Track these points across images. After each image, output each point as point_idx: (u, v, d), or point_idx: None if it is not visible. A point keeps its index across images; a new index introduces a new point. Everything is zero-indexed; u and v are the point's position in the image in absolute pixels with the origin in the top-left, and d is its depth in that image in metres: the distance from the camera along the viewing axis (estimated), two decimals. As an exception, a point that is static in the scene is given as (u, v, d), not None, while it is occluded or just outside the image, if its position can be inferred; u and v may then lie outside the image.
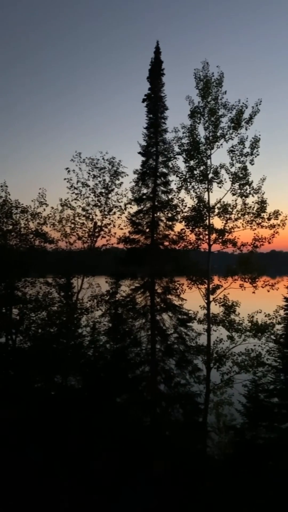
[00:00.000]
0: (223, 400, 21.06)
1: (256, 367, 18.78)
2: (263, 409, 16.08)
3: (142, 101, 21.45)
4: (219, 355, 20.15)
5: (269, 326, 19.39)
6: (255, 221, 20.24)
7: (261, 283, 20.49)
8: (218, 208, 20.66)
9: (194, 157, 20.35)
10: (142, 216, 21.30)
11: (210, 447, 20.05)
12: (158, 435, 18.69)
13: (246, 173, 20.21)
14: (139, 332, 20.72)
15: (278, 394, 16.10)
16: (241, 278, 20.80)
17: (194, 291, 21.17)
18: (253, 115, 19.75)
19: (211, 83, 19.93)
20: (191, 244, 21.26)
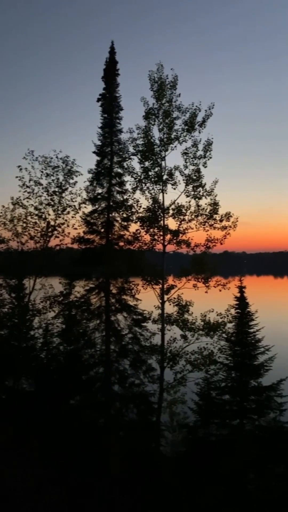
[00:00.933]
0: (176, 399, 21.36)
1: (208, 365, 19.18)
2: (215, 407, 16.45)
3: (97, 100, 21.37)
4: (173, 354, 20.41)
5: (221, 325, 19.85)
6: (208, 222, 20.67)
7: (213, 283, 20.95)
8: (172, 209, 20.93)
9: (149, 158, 20.48)
10: (97, 216, 21.20)
11: (164, 445, 20.27)
12: (113, 436, 18.64)
13: (199, 176, 20.59)
14: (93, 333, 20.60)
15: (229, 392, 16.52)
16: (194, 278, 21.16)
17: (149, 291, 21.31)
18: (206, 119, 20.16)
19: (166, 85, 20.16)
20: (146, 245, 21.39)
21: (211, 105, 20.07)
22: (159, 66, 20.17)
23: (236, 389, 16.37)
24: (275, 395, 16.18)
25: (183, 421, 20.45)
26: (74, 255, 21.86)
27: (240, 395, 16.28)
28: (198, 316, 20.76)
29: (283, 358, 18.71)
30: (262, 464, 14.57)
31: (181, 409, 21.42)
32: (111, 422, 19.33)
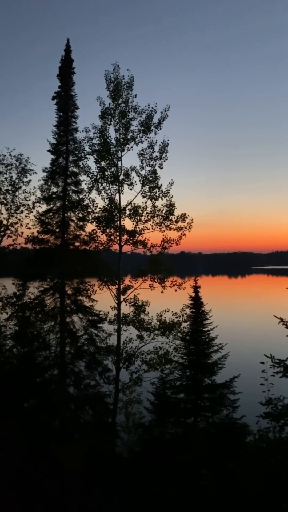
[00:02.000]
0: (132, 399, 21.41)
1: (163, 365, 19.36)
2: (170, 405, 16.61)
3: (52, 98, 21.05)
4: (129, 354, 20.45)
5: (176, 324, 20.12)
6: (164, 223, 20.87)
7: (169, 283, 21.20)
8: (129, 209, 20.96)
9: (105, 158, 20.40)
10: (51, 215, 20.86)
11: (119, 446, 20.25)
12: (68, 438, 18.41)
13: (155, 177, 20.76)
14: (48, 335, 20.25)
15: (184, 390, 16.74)
16: (151, 279, 21.31)
17: (105, 292, 21.22)
18: (161, 120, 20.38)
19: (122, 85, 20.18)
20: (103, 245, 21.27)
21: (167, 107, 20.33)
22: (115, 66, 20.19)
23: (191, 387, 16.61)
24: (228, 393, 16.56)
25: (138, 421, 20.53)
26: (28, 255, 21.37)
27: (194, 393, 16.53)
28: (154, 316, 20.92)
29: (236, 355, 19.22)
30: (215, 460, 14.88)
31: (137, 409, 21.50)
32: (66, 424, 19.09)
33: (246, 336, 47.23)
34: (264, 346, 13.87)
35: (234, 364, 18.26)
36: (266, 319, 10.30)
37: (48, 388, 19.79)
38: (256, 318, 70.16)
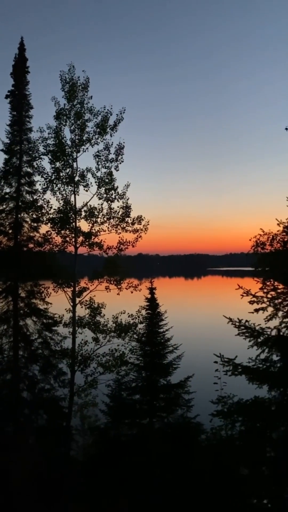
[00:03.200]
0: (87, 402, 21.17)
1: (119, 367, 19.34)
2: (126, 407, 16.64)
3: (5, 97, 20.59)
4: (84, 357, 20.24)
5: (132, 326, 20.16)
6: (120, 225, 20.88)
7: (125, 285, 21.23)
8: (84, 211, 20.80)
9: (60, 158, 20.14)
10: (4, 216, 20.38)
11: (74, 449, 20.02)
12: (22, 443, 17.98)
13: (111, 179, 20.73)
14: (0, 339, 19.71)
15: (139, 391, 16.82)
16: (107, 281, 21.24)
17: (60, 294, 20.93)
18: (117, 122, 20.39)
19: (77, 86, 20.03)
20: (57, 247, 20.98)
21: (122, 110, 20.38)
22: (70, 67, 19.99)
23: (146, 388, 16.72)
24: (183, 392, 16.82)
25: (94, 423, 20.38)
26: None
27: (150, 394, 16.66)
28: (110, 318, 20.87)
29: (190, 355, 19.55)
30: (170, 459, 15.06)
31: (92, 412, 21.31)
32: (20, 429, 18.66)
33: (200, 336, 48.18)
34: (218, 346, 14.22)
35: (188, 364, 18.55)
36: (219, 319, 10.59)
37: (1, 393, 19.27)
38: (210, 318, 71.64)
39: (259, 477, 8.97)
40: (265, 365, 8.76)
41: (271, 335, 9.06)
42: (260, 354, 8.93)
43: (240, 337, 9.26)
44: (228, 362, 8.82)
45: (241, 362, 8.84)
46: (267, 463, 8.69)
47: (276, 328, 9.09)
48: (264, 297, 9.38)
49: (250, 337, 9.02)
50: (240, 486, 9.50)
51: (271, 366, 8.76)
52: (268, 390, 8.84)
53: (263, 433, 8.16)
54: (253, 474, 9.16)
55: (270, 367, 8.74)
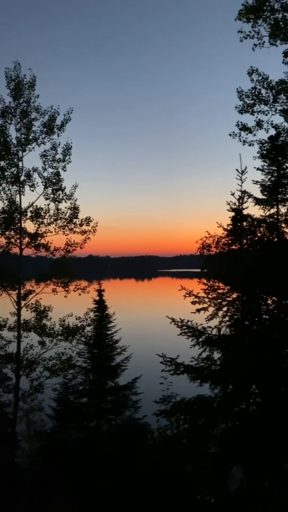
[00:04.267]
0: (33, 407, 20.76)
1: (66, 370, 19.06)
2: (73, 411, 16.45)
3: None
4: (30, 361, 19.76)
5: (80, 329, 19.97)
6: (67, 226, 20.66)
7: (73, 287, 21.00)
8: (30, 211, 20.41)
9: (4, 157, 19.60)
10: None
11: (20, 456, 19.50)
12: None
13: (59, 179, 20.48)
14: None
15: (87, 394, 16.70)
16: (54, 283, 20.90)
17: (4, 297, 20.32)
18: (65, 123, 20.19)
19: (23, 84, 19.61)
20: (1, 248, 20.37)
21: (70, 110, 20.22)
22: (16, 64, 19.55)
23: (94, 391, 16.63)
24: (131, 394, 16.89)
25: (40, 428, 19.93)
26: None
27: (97, 397, 16.58)
28: (57, 321, 20.56)
29: (138, 356, 19.66)
30: (118, 461, 15.06)
31: (39, 417, 20.90)
32: None
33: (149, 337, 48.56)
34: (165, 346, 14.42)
35: (136, 365, 18.65)
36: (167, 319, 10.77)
37: None
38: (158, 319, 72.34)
39: (203, 473, 9.18)
40: (207, 364, 9.02)
41: (211, 334, 9.34)
42: (202, 353, 9.19)
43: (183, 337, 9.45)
44: (171, 362, 8.98)
45: (183, 362, 9.04)
46: (210, 459, 8.92)
47: (216, 327, 9.40)
48: (206, 298, 9.66)
49: (192, 337, 9.26)
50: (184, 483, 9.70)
51: (212, 364, 9.03)
52: (210, 388, 9.10)
53: (205, 430, 8.37)
54: (196, 471, 9.36)
55: (211, 365, 9.01)
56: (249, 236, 11.51)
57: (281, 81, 22.15)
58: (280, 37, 19.67)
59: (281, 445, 8.03)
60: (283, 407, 8.77)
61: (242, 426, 8.38)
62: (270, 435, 7.94)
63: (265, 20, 19.11)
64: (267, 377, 8.84)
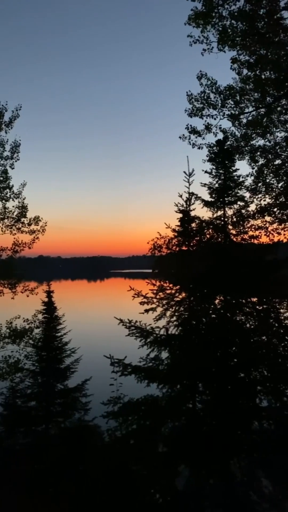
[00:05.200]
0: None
1: (14, 374, 18.51)
2: (21, 415, 16.05)
3: None
4: (-26, 366, 19.07)
5: (27, 331, 19.49)
6: (15, 225, 20.11)
7: (20, 288, 20.46)
8: (-25, 210, 19.64)
9: None
10: None
11: None
12: None
13: (6, 177, 19.89)
14: None
15: (35, 398, 16.35)
16: (0, 284, 20.27)
17: None
18: (13, 119, 19.61)
19: None
20: None
21: (18, 106, 19.68)
22: None
23: (43, 394, 16.31)
24: (80, 396, 16.74)
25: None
26: None
27: (46, 400, 16.28)
28: (4, 323, 19.97)
29: (88, 358, 19.49)
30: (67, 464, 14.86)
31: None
32: None
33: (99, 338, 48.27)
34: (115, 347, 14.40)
35: (86, 366, 18.50)
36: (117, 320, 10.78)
37: None
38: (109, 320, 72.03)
39: (151, 473, 9.23)
40: (155, 364, 9.10)
41: (159, 334, 9.43)
42: (150, 353, 9.26)
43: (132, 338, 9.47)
44: (118, 363, 8.97)
45: (130, 362, 9.07)
46: (158, 459, 8.97)
47: (164, 327, 9.51)
48: (154, 298, 9.75)
49: (140, 337, 9.30)
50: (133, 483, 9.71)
51: (160, 364, 9.12)
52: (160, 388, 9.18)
53: (153, 430, 8.42)
54: (145, 470, 9.40)
55: (159, 365, 9.10)
56: (197, 237, 11.73)
57: (229, 87, 22.83)
58: (228, 43, 20.30)
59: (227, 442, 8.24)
60: (229, 405, 9.00)
61: (189, 424, 8.51)
62: (216, 433, 8.12)
63: (213, 26, 19.64)
64: (214, 375, 9.04)
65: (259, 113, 26.80)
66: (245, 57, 22.53)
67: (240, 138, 29.06)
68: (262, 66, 22.20)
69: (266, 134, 29.75)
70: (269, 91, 24.50)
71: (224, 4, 18.79)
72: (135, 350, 9.45)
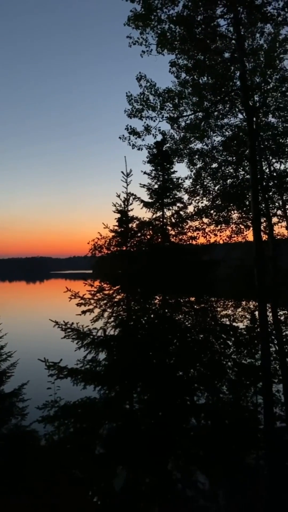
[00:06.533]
0: None
1: None
2: None
3: None
4: None
5: None
6: None
7: None
8: None
9: None
10: None
11: None
12: None
13: None
14: None
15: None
16: None
17: None
18: None
19: None
20: None
21: None
22: None
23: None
24: (17, 401, 16.15)
25: None
26: None
27: (-21, 408, 15.54)
28: None
29: (26, 361, 18.87)
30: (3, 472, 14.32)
31: None
32: None
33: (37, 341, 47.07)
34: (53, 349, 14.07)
35: (23, 370, 17.91)
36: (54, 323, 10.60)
37: None
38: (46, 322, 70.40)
39: (88, 476, 9.12)
40: (92, 366, 9.01)
41: (97, 336, 9.36)
42: (87, 355, 9.16)
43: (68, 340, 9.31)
44: (53, 366, 8.78)
45: (66, 365, 8.91)
46: (95, 461, 8.88)
47: (102, 328, 9.45)
48: (91, 299, 9.66)
49: (77, 339, 9.17)
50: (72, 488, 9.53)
51: (97, 366, 9.05)
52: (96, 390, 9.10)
53: (91, 432, 8.32)
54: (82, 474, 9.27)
55: (96, 367, 9.02)
56: (137, 238, 11.80)
57: (168, 90, 23.25)
58: (167, 47, 20.64)
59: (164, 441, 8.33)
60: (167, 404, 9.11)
61: (126, 425, 8.51)
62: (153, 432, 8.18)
63: (152, 29, 19.89)
64: (152, 375, 9.10)
65: (197, 117, 27.56)
66: (184, 61, 23.11)
67: (179, 141, 29.71)
68: (200, 71, 22.86)
69: (204, 138, 30.70)
70: (206, 96, 25.27)
71: (162, 8, 19.10)
72: (72, 352, 9.30)
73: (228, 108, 30.35)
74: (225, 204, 35.26)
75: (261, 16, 19.80)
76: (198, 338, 11.73)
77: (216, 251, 14.84)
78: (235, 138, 35.14)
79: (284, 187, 38.61)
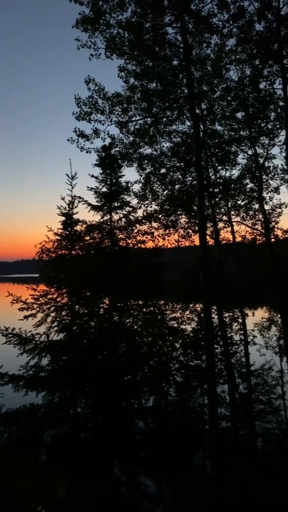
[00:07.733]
0: None
1: None
2: None
3: None
4: None
5: None
6: None
7: None
8: None
9: None
10: None
11: None
12: None
13: None
14: None
15: None
16: None
17: None
18: None
19: None
20: None
21: None
22: None
23: None
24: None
25: None
26: None
27: None
28: None
29: None
30: None
31: None
32: None
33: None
34: None
35: None
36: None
37: None
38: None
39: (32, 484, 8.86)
40: (35, 371, 8.80)
41: (40, 341, 9.16)
42: (29, 360, 8.93)
43: (10, 345, 9.02)
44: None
45: (7, 371, 8.64)
46: (39, 469, 8.65)
47: (45, 333, 9.26)
48: (35, 304, 9.44)
49: (19, 345, 8.93)
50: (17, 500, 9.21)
51: (40, 371, 8.85)
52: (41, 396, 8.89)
53: (34, 440, 8.11)
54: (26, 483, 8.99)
55: (39, 372, 8.82)
56: (84, 241, 11.71)
57: (117, 94, 23.31)
58: (115, 52, 20.67)
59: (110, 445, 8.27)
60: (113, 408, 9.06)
61: (71, 431, 8.38)
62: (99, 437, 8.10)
63: (101, 33, 19.85)
64: (97, 379, 9.03)
65: (146, 122, 27.86)
66: (133, 66, 23.28)
67: (128, 145, 29.90)
68: (148, 77, 23.13)
69: (153, 144, 31.10)
70: (155, 102, 25.61)
71: (111, 13, 19.13)
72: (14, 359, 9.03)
73: (176, 115, 30.96)
74: (173, 209, 35.89)
75: (207, 26, 20.36)
76: (146, 341, 11.82)
77: (164, 255, 15.06)
78: (183, 145, 35.92)
79: (229, 193, 39.94)
